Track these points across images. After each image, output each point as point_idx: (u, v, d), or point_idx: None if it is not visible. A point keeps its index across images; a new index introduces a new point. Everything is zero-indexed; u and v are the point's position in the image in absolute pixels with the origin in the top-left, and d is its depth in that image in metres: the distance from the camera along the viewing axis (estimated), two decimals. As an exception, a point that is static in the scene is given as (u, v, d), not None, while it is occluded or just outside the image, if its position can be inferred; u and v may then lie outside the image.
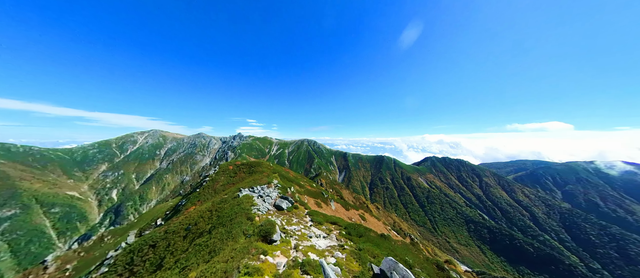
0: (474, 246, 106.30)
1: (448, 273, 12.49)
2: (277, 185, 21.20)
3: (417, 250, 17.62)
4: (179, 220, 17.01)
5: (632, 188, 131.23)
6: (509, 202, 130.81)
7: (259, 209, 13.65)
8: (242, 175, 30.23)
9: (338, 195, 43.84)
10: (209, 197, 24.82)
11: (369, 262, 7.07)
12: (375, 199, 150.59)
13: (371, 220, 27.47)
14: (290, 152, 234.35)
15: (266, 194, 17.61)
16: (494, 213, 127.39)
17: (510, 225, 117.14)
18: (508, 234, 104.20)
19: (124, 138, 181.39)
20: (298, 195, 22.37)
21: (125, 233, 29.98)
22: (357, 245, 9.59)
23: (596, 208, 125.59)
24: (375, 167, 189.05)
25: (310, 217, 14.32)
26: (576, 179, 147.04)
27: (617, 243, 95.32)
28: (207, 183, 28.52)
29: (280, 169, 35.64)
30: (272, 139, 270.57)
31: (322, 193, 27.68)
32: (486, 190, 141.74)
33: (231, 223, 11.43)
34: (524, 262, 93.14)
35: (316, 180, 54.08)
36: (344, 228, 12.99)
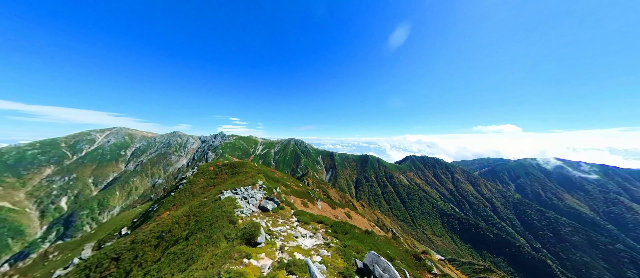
0: (447, 236, 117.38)
1: (424, 262, 13.63)
2: (263, 186, 20.55)
3: (398, 243, 18.81)
4: (150, 228, 15.36)
5: (562, 180, 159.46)
6: (475, 195, 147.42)
7: (243, 211, 13.08)
8: (224, 176, 28.55)
9: (325, 195, 44.31)
10: (186, 201, 22.88)
11: (354, 257, 7.34)
12: (361, 197, 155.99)
13: (356, 218, 28.42)
14: (276, 151, 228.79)
15: (250, 196, 16.94)
16: (463, 206, 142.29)
17: (476, 216, 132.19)
18: (474, 224, 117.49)
19: (77, 136, 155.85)
20: (284, 195, 22.01)
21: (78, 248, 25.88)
22: (343, 242, 9.85)
23: (539, 197, 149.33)
24: (360, 166, 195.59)
25: (297, 217, 14.22)
26: (525, 174, 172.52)
27: (552, 225, 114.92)
28: (184, 186, 26.26)
29: (266, 170, 34.62)
30: (257, 138, 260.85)
31: (309, 193, 27.69)
32: (457, 186, 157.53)
33: (211, 228, 10.73)
34: (486, 247, 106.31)
35: (303, 180, 53.86)
36: (330, 226, 13.21)
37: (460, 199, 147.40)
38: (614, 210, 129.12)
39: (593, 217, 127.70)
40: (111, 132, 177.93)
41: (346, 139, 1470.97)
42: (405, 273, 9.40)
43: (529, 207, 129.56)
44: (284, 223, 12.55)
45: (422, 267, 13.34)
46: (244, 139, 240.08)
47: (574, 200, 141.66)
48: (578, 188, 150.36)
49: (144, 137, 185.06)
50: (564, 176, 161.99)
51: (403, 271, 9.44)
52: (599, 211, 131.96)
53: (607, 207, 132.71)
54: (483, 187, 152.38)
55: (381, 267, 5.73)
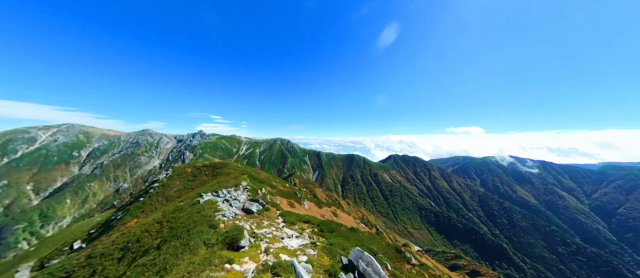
0: (424, 229, 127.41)
1: (404, 254, 14.65)
2: (247, 188, 19.70)
3: (381, 238, 19.84)
4: (112, 239, 13.53)
5: (515, 174, 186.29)
6: (448, 190, 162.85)
7: (225, 215, 12.37)
8: (203, 178, 26.57)
9: (311, 194, 44.35)
10: (158, 206, 20.69)
11: (339, 254, 7.53)
12: (347, 195, 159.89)
13: (342, 216, 29.08)
14: (261, 151, 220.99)
15: (233, 198, 16.10)
16: (438, 200, 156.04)
17: (449, 209, 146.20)
18: (447, 216, 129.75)
19: (9, 134, 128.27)
20: (270, 196, 21.43)
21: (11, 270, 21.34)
22: (329, 240, 10.01)
23: (498, 190, 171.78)
24: (347, 165, 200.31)
25: (283, 218, 13.99)
26: (488, 170, 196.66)
27: (507, 213, 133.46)
28: (156, 190, 23.71)
29: (250, 170, 33.24)
30: (241, 137, 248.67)
31: (296, 193, 27.42)
32: (433, 182, 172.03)
33: (189, 234, 9.92)
34: (456, 236, 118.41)
35: (289, 180, 53.08)
36: (316, 226, 13.30)
37: (436, 194, 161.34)
38: (550, 198, 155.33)
39: (536, 204, 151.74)
40: (60, 129, 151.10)
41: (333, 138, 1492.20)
42: (387, 266, 10.00)
43: (490, 198, 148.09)
44: (270, 224, 12.24)
45: (402, 259, 14.33)
46: (226, 138, 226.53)
47: (523, 192, 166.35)
48: (526, 181, 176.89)
49: (104, 136, 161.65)
50: (516, 171, 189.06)
51: (385, 264, 10.03)
52: (540, 200, 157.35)
53: (546, 195, 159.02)
54: (455, 183, 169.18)
55: (365, 261, 6.00)
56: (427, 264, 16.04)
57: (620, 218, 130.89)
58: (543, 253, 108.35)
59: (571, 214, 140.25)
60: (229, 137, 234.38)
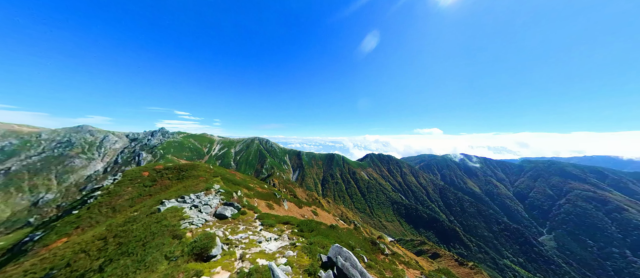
0: (396, 221, 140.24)
1: (379, 246, 15.83)
2: (219, 191, 17.99)
3: (358, 233, 20.94)
4: (24, 268, 10.46)
5: (465, 169, 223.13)
6: (416, 184, 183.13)
7: (193, 222, 11.02)
8: (166, 182, 23.07)
9: (291, 194, 43.57)
10: (101, 219, 16.98)
11: (319, 253, 7.61)
12: (327, 194, 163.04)
13: (323, 214, 29.50)
14: (237, 151, 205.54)
15: (204, 203, 14.48)
16: (408, 194, 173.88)
17: (416, 201, 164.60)
18: (415, 208, 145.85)
19: None
20: (246, 199, 20.11)
21: None
22: (309, 240, 10.01)
23: (453, 183, 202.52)
24: (327, 164, 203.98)
25: (261, 220, 13.32)
26: (446, 166, 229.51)
27: (460, 202, 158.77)
28: (98, 200, 19.41)
29: (224, 172, 30.52)
30: (214, 136, 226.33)
31: (275, 194, 26.48)
32: (404, 178, 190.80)
33: (145, 249, 8.44)
34: (422, 225, 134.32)
35: (268, 181, 50.92)
36: (296, 226, 13.13)
37: (406, 189, 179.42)
38: (489, 187, 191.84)
39: (480, 193, 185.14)
40: None
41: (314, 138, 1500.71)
42: (363, 259, 10.62)
43: (448, 190, 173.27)
44: (246, 229, 11.48)
45: (377, 250, 15.47)
46: (195, 137, 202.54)
47: (471, 183, 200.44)
48: (473, 174, 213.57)
49: (12, 133, 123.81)
50: (466, 166, 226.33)
51: (362, 257, 10.63)
52: (482, 189, 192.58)
53: (486, 185, 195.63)
54: (421, 178, 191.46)
55: (343, 257, 6.22)
56: (398, 253, 17.74)
57: (531, 200, 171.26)
58: (484, 233, 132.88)
59: (502, 199, 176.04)
60: (199, 135, 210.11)
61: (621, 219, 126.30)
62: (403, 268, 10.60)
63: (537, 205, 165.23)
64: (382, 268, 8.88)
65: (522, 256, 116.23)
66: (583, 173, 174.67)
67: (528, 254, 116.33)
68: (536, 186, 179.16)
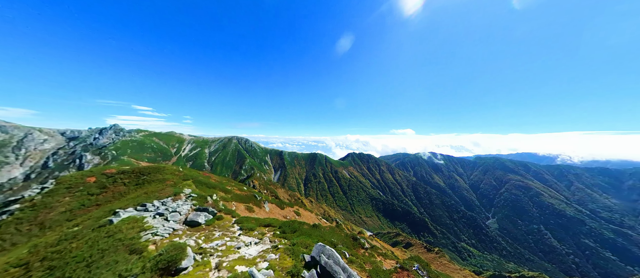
0: (375, 216, 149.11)
1: (359, 241, 16.63)
2: (191, 196, 16.23)
3: (340, 230, 21.58)
4: None
5: (432, 165, 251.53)
6: (392, 181, 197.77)
7: (157, 233, 9.68)
8: (120, 189, 19.64)
9: (273, 196, 42.19)
10: (19, 241, 13.46)
11: (302, 253, 7.58)
12: (309, 193, 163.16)
13: (305, 214, 29.41)
14: (212, 151, 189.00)
15: (171, 210, 12.85)
16: (385, 191, 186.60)
17: (392, 197, 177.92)
18: (391, 203, 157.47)
19: None
20: (223, 203, 18.63)
21: None
22: (291, 240, 9.87)
23: (423, 178, 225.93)
24: (309, 163, 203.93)
25: (239, 225, 12.53)
26: (418, 163, 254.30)
27: (428, 196, 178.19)
28: (16, 216, 15.33)
29: (197, 174, 27.67)
30: (184, 135, 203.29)
31: (255, 196, 25.25)
32: (382, 175, 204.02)
33: (90, 271, 7.03)
34: (397, 218, 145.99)
35: (248, 183, 48.20)
36: (278, 228, 12.78)
37: (384, 185, 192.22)
38: (451, 181, 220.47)
39: (444, 187, 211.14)
40: None
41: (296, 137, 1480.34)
42: (345, 254, 11.00)
43: (419, 185, 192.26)
44: (223, 235, 10.65)
45: (358, 245, 16.22)
46: (161, 136, 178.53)
47: (437, 178, 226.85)
48: (438, 170, 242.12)
49: None
50: (433, 163, 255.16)
51: (344, 253, 10.99)
52: (446, 183, 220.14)
53: (449, 180, 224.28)
54: (397, 175, 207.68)
55: (326, 254, 6.33)
56: (376, 246, 18.95)
57: (481, 190, 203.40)
58: (446, 221, 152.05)
59: (461, 191, 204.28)
60: (166, 134, 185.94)
61: (539, 202, 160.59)
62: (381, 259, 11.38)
63: (485, 194, 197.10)
64: (363, 261, 9.36)
65: (475, 238, 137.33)
66: (516, 167, 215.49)
67: (479, 236, 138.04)
68: (485, 178, 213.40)
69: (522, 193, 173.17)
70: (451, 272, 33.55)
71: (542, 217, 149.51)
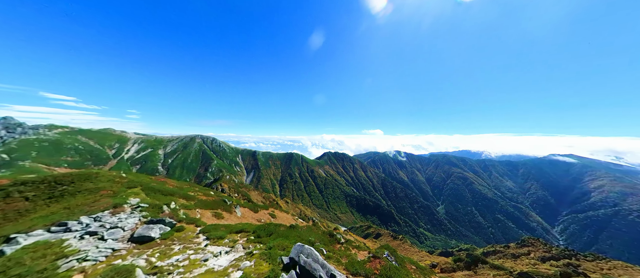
0: (349, 212, 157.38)
1: (335, 236, 17.28)
2: (139, 206, 13.41)
3: (317, 228, 21.91)
4: None
5: (397, 162, 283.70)
6: (365, 178, 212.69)
7: (87, 258, 7.60)
8: (19, 205, 14.44)
9: (245, 199, 39.25)
10: None
11: (280, 256, 7.35)
12: (285, 194, 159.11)
13: (281, 216, 28.56)
14: (168, 152, 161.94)
15: (110, 226, 10.29)
16: (358, 187, 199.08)
17: (365, 193, 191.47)
18: (363, 198, 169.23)
19: None
20: (184, 211, 16.17)
21: None
22: (268, 244, 9.44)
23: (390, 174, 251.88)
24: (285, 163, 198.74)
25: (206, 234, 11.15)
26: (386, 161, 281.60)
27: (394, 190, 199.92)
28: None
29: (147, 180, 23.08)
30: (128, 133, 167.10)
31: (225, 201, 22.93)
32: (356, 173, 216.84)
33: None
34: (369, 212, 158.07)
35: (215, 187, 43.31)
36: (252, 233, 12.00)
37: (357, 182, 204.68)
38: (412, 176, 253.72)
39: (407, 181, 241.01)
40: None
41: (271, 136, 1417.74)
42: (322, 251, 11.24)
43: (387, 181, 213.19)
44: (184, 248, 9.26)
45: (334, 241, 16.84)
46: (90, 134, 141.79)
47: (402, 174, 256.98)
48: (402, 166, 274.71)
49: None
50: (398, 161, 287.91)
51: (321, 250, 11.22)
52: (408, 178, 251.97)
53: (411, 175, 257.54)
54: (369, 172, 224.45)
55: (305, 254, 6.34)
56: (350, 240, 20.11)
57: (434, 182, 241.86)
58: (409, 211, 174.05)
59: (419, 184, 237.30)
60: (99, 132, 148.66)
61: (471, 189, 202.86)
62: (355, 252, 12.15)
63: (437, 185, 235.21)
64: (339, 256, 9.79)
65: (429, 224, 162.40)
66: (458, 162, 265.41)
67: (432, 222, 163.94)
68: (437, 172, 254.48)
69: (461, 182, 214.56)
70: (412, 255, 38.72)
71: (473, 200, 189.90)
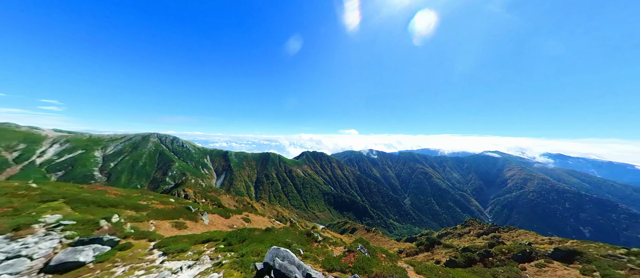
0: (327, 210, 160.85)
1: (313, 235, 17.35)
2: (59, 225, 10.40)
3: (295, 228, 21.57)
4: None
5: (371, 160, 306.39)
6: (341, 176, 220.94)
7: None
8: None
9: (215, 204, 35.46)
10: None
11: (253, 262, 6.89)
12: (261, 196, 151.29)
13: (256, 219, 26.96)
14: (110, 155, 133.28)
15: (10, 255, 7.62)
16: (336, 185, 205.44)
17: (341, 190, 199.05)
18: (340, 196, 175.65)
19: None
20: (133, 224, 13.42)
21: None
22: (240, 251, 8.74)
23: (365, 171, 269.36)
24: (261, 164, 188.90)
25: (163, 248, 9.54)
26: (361, 159, 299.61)
27: (369, 186, 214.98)
28: None
29: (76, 190, 18.20)
30: (42, 130, 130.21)
31: (188, 208, 20.15)
32: (333, 171, 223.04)
33: None
34: (345, 209, 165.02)
35: (177, 192, 37.58)
36: (222, 240, 10.90)
37: (335, 181, 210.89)
38: (384, 173, 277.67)
39: (379, 177, 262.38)
40: None
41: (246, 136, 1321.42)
42: (299, 252, 11.11)
43: (362, 178, 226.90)
44: (131, 270, 7.70)
45: (312, 240, 16.88)
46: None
47: (375, 170, 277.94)
48: (375, 164, 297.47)
49: None
50: (371, 158, 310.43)
51: (298, 250, 11.07)
52: (381, 174, 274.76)
53: (383, 171, 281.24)
54: (345, 170, 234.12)
55: (280, 257, 6.13)
56: (328, 237, 20.56)
57: (402, 178, 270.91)
58: (381, 205, 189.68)
59: (390, 180, 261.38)
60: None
61: (431, 182, 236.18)
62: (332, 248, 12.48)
63: (404, 180, 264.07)
64: (316, 254, 9.86)
65: (397, 215, 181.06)
66: (421, 159, 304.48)
67: (400, 213, 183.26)
68: (405, 168, 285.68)
69: (423, 177, 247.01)
70: (383, 244, 42.42)
71: (432, 191, 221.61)
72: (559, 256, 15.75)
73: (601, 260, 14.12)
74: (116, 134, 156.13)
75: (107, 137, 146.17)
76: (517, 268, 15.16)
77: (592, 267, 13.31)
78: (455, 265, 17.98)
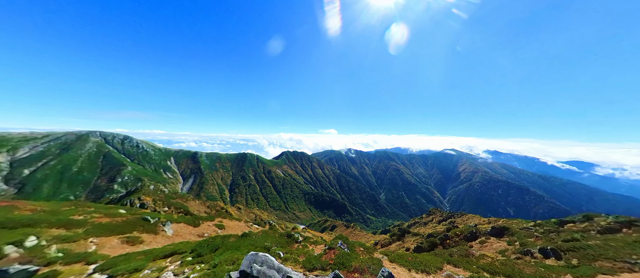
0: (307, 210, 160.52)
1: (293, 236, 17.03)
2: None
3: (274, 231, 20.79)
4: None
5: (350, 159, 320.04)
6: (322, 175, 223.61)
7: None
8: None
9: (181, 212, 31.22)
10: None
11: (227, 272, 6.31)
12: (237, 200, 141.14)
13: (231, 225, 24.90)
14: (23, 159, 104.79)
15: None
16: (317, 184, 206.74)
17: (322, 189, 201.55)
18: (321, 195, 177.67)
19: None
20: (61, 246, 10.62)
21: None
22: (212, 262, 7.91)
23: (344, 170, 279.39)
24: (237, 165, 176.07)
25: (107, 272, 7.86)
26: (340, 158, 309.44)
27: (348, 184, 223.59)
28: None
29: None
30: None
31: (146, 219, 17.19)
32: (314, 171, 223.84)
33: None
34: (325, 207, 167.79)
35: (129, 202, 31.54)
36: (190, 252, 9.67)
37: (315, 180, 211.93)
38: (362, 171, 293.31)
39: (357, 175, 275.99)
40: None
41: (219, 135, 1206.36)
42: (279, 255, 10.73)
43: (342, 176, 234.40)
44: (60, 303, 6.09)
45: (292, 241, 16.54)
46: None
47: (353, 169, 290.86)
48: (354, 162, 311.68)
49: None
50: (350, 157, 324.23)
51: (278, 253, 10.68)
52: (358, 172, 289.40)
53: (361, 169, 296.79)
54: (326, 169, 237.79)
55: (259, 262, 5.79)
56: (309, 236, 20.50)
57: (378, 175, 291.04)
58: (359, 201, 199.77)
59: (367, 177, 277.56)
60: None
61: (402, 178, 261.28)
62: (312, 248, 12.49)
63: (380, 176, 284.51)
64: (297, 255, 9.69)
65: (374, 209, 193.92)
66: (394, 157, 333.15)
67: (376, 207, 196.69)
68: (380, 166, 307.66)
69: (396, 173, 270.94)
70: (361, 238, 44.78)
71: (403, 186, 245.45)
72: (495, 233, 20.05)
73: (519, 232, 19.01)
74: (34, 133, 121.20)
75: (16, 136, 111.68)
76: (467, 246, 18.32)
77: (514, 238, 18.22)
78: (421, 250, 20.41)
